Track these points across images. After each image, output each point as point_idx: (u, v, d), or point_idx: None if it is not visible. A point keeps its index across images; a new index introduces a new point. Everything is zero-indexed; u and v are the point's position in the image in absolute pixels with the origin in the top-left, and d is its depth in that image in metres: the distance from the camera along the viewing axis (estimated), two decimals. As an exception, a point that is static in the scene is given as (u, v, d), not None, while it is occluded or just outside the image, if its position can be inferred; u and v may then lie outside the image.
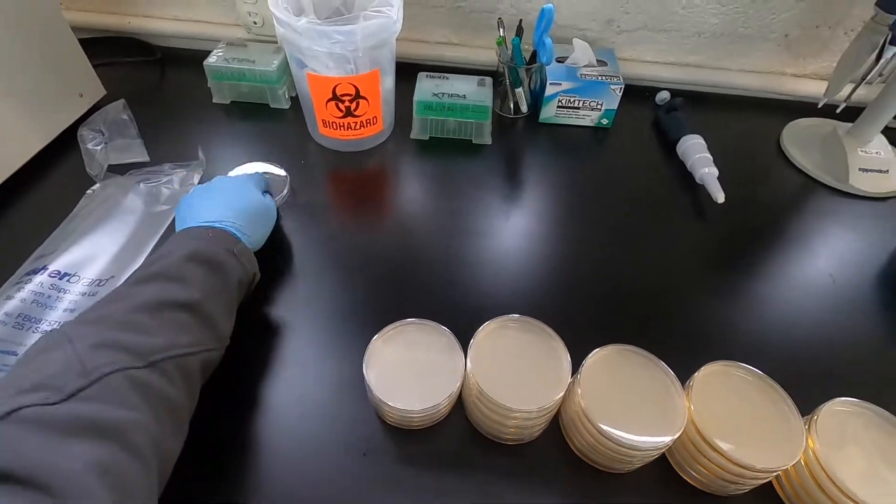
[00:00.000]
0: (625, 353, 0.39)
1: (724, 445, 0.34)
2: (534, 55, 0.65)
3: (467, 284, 0.50)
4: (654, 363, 0.38)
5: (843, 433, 0.36)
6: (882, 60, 0.55)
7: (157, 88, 0.73)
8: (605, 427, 0.34)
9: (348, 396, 0.41)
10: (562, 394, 0.36)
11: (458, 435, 0.40)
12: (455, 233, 0.55)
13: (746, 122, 0.73)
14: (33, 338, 0.40)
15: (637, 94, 0.74)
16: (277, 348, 0.44)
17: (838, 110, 0.62)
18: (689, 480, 0.38)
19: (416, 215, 0.58)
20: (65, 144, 0.61)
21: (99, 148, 0.59)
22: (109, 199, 0.52)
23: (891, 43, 0.54)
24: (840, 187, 0.62)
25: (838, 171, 0.62)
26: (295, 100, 0.69)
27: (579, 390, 0.36)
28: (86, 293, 0.44)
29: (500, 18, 0.65)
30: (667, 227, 0.58)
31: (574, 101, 0.66)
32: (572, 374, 0.37)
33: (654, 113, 0.72)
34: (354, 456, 0.38)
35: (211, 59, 0.66)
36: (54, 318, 0.42)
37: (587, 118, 0.68)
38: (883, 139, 0.64)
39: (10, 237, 0.51)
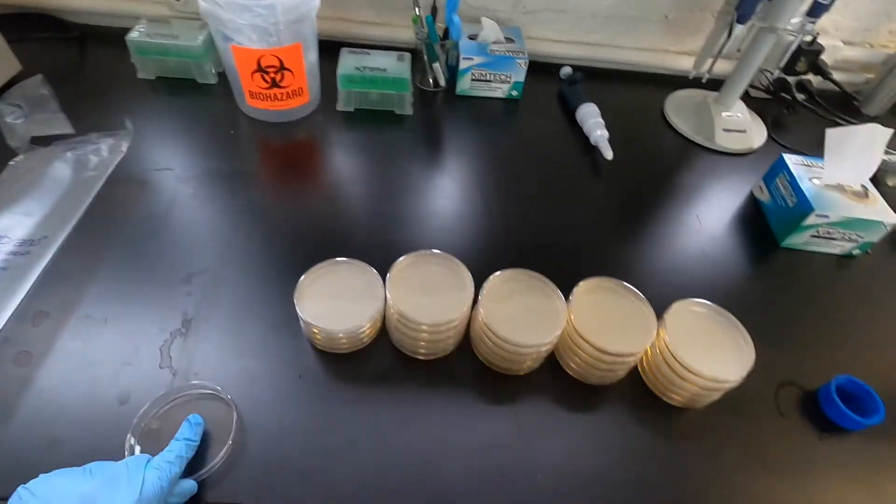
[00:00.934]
0: (519, 275, 0.46)
1: (593, 338, 0.42)
2: (447, 32, 0.71)
3: (390, 237, 0.56)
4: (544, 283, 0.46)
5: (686, 325, 0.45)
6: (731, 37, 0.66)
7: (77, 65, 0.73)
8: (502, 333, 0.41)
9: (283, 335, 0.46)
10: (466, 309, 0.43)
11: (381, 356, 0.46)
12: (381, 195, 0.61)
13: (637, 93, 0.83)
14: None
15: (544, 69, 0.83)
16: (214, 298, 0.48)
17: (703, 80, 0.73)
18: (570, 373, 0.46)
19: (343, 180, 0.63)
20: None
21: (20, 122, 0.59)
22: (35, 169, 0.53)
23: (737, 21, 0.65)
24: (709, 145, 0.73)
25: (707, 132, 0.74)
26: (222, 75, 0.72)
27: (482, 309, 0.43)
28: (17, 252, 0.46)
29: (415, -2, 0.71)
30: (570, 183, 0.66)
31: (486, 74, 0.74)
32: (476, 294, 0.44)
33: (558, 86, 0.81)
34: (291, 378, 0.44)
35: (133, 34, 0.67)
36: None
37: (499, 90, 0.76)
38: (742, 104, 0.76)
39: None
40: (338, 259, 0.46)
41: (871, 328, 0.55)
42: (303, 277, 0.44)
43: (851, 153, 0.57)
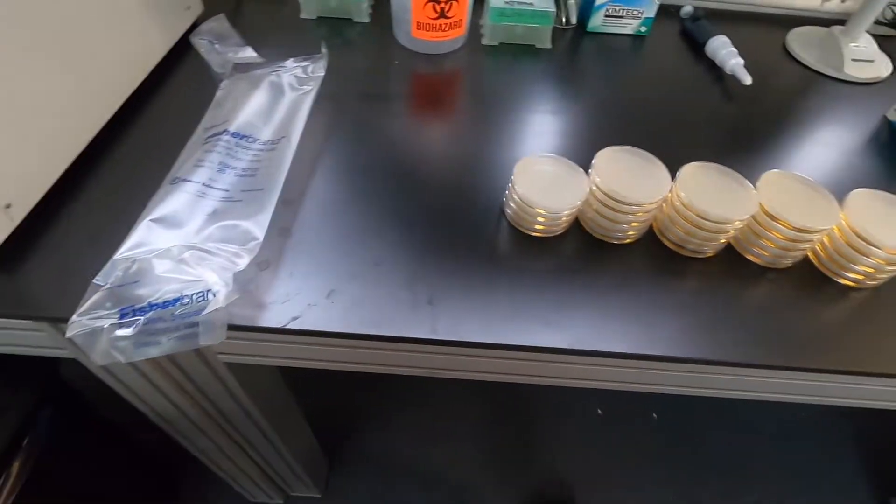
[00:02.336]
0: (708, 167, 0.51)
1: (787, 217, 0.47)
2: (586, -31, 0.76)
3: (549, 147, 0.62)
4: (734, 176, 0.51)
5: (867, 209, 0.49)
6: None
7: (237, 9, 0.80)
8: (695, 204, 0.47)
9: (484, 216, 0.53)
10: (661, 197, 0.48)
11: (571, 241, 0.52)
12: (533, 111, 0.67)
13: (756, 31, 0.86)
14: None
15: (663, 12, 0.86)
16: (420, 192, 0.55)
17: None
18: (754, 259, 0.51)
19: (495, 104, 0.69)
20: (179, 53, 0.68)
21: (218, 52, 0.67)
22: (252, 87, 0.61)
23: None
24: (837, 76, 0.76)
25: (836, 63, 0.77)
26: (375, 14, 0.78)
27: (681, 192, 0.48)
28: (264, 150, 0.53)
29: (556, -63, 0.75)
30: (704, 110, 0.71)
31: (619, 10, 0.78)
32: (672, 181, 0.50)
33: (679, 25, 0.85)
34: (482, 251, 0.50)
35: (301, -25, 0.74)
36: (241, 166, 0.51)
37: (628, 26, 0.80)
38: (868, 36, 0.78)
39: (153, 129, 0.59)
40: (545, 154, 0.52)
41: None
42: (519, 162, 0.51)
43: None
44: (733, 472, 1.20)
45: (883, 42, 0.83)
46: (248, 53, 0.68)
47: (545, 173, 0.51)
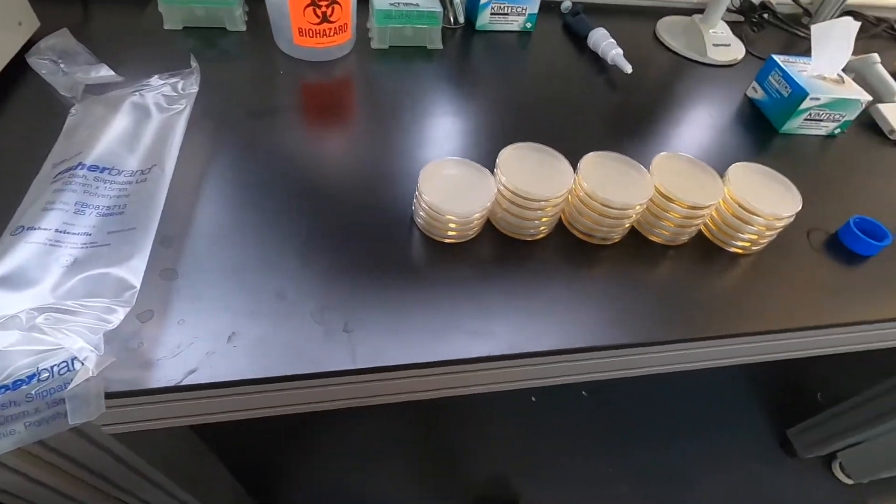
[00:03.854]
0: (605, 156, 0.53)
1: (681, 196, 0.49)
2: (466, -32, 0.76)
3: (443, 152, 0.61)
4: (627, 162, 0.53)
5: (746, 182, 0.53)
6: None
7: (84, 23, 0.69)
8: (598, 193, 0.48)
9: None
10: (566, 190, 0.49)
11: (485, 244, 0.51)
12: (424, 122, 0.65)
13: (628, 23, 0.92)
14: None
15: (544, 8, 0.89)
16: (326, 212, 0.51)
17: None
18: (657, 240, 0.54)
19: (389, 111, 0.66)
20: (13, 77, 0.58)
21: (63, 73, 0.58)
22: (110, 110, 0.53)
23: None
24: (702, 60, 0.83)
25: (699, 48, 0.83)
26: (251, 21, 0.72)
27: (584, 183, 0.49)
28: (132, 182, 0.46)
29: (433, -64, 0.74)
30: (589, 98, 0.74)
31: (504, 7, 0.79)
32: (574, 173, 0.50)
33: (561, 19, 0.88)
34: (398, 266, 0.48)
35: (159, -18, 0.66)
36: (103, 204, 0.44)
37: (515, 23, 0.81)
38: (723, 23, 0.86)
39: None
40: (449, 157, 0.51)
41: (861, 188, 0.67)
42: (425, 167, 0.49)
43: (831, 45, 0.68)
44: (660, 433, 1.29)
45: (735, 27, 0.92)
46: (103, 72, 0.60)
47: (451, 178, 0.50)
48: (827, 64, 0.70)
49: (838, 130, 0.73)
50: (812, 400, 1.38)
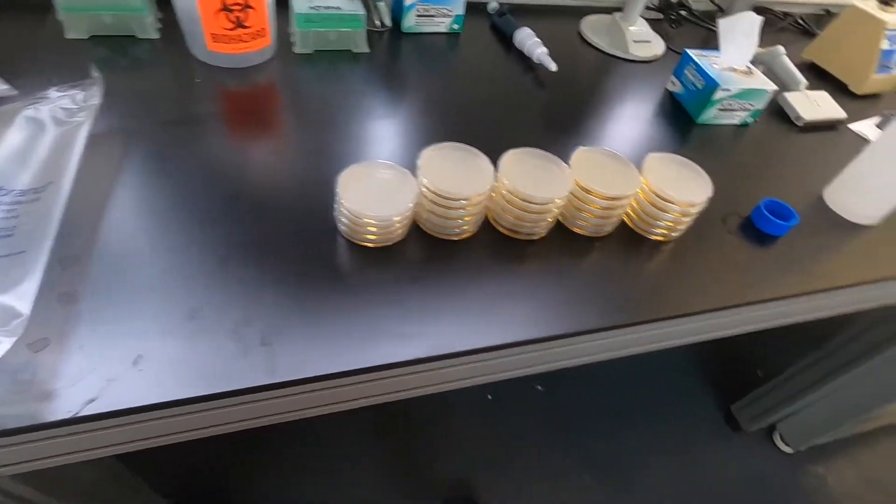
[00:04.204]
0: (526, 153, 0.53)
1: (598, 188, 0.51)
2: (388, -30, 0.75)
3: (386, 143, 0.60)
4: (549, 158, 0.54)
5: (662, 172, 0.55)
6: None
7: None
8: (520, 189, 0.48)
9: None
10: (487, 188, 0.49)
11: (412, 246, 0.51)
12: (357, 118, 0.64)
13: (553, 22, 0.94)
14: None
15: (472, 9, 0.90)
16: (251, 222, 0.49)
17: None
18: (580, 231, 0.55)
19: (316, 118, 0.65)
20: None
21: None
22: (0, 126, 0.49)
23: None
24: (624, 56, 0.86)
25: (621, 46, 0.86)
26: (164, 29, 0.69)
27: (505, 180, 0.50)
28: (22, 201, 0.43)
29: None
30: (518, 97, 0.75)
31: (429, 9, 0.79)
32: (495, 171, 0.51)
33: (489, 20, 0.89)
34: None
35: (58, -12, 0.62)
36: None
37: (441, 24, 0.82)
38: (643, 20, 0.89)
39: None
40: (371, 160, 0.50)
41: (772, 172, 0.71)
42: (342, 173, 0.48)
43: (738, 38, 0.72)
44: (614, 421, 1.32)
45: (655, 24, 0.96)
46: (-7, 85, 0.56)
47: (372, 181, 0.49)
48: (735, 56, 0.74)
49: (750, 119, 0.77)
50: (753, 376, 1.45)
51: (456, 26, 0.83)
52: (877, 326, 0.99)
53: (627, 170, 0.55)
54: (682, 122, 0.77)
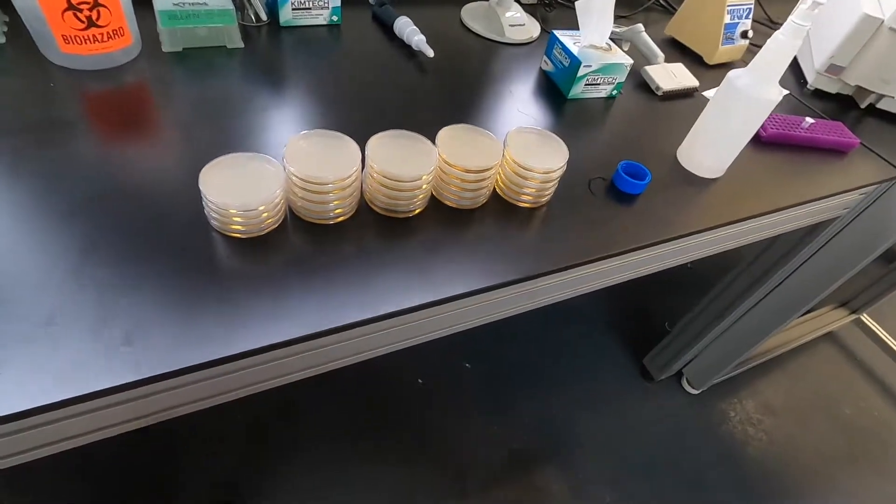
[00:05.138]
0: (398, 135, 0.56)
1: (462, 163, 0.54)
2: (256, -36, 0.75)
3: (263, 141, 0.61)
4: (417, 139, 0.56)
5: (523, 145, 0.60)
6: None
7: None
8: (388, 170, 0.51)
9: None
10: (355, 169, 0.51)
11: (290, 233, 0.52)
12: (232, 113, 0.64)
13: (433, 11, 0.97)
14: None
15: (353, 1, 0.91)
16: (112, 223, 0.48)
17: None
18: (451, 204, 0.58)
19: (189, 118, 0.64)
20: None
21: None
22: None
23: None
24: (502, 40, 0.91)
25: (498, 30, 0.91)
26: (12, 32, 0.65)
27: (373, 164, 0.52)
28: None
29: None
30: (401, 83, 0.77)
31: (306, 2, 0.79)
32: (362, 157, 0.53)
33: (369, 10, 0.90)
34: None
35: None
36: None
37: (320, 17, 0.82)
38: (517, 5, 0.94)
39: None
40: (234, 153, 0.50)
41: (635, 138, 0.79)
42: (205, 168, 0.48)
43: (594, 17, 0.78)
44: (540, 387, 1.40)
45: (531, 9, 1.02)
46: None
47: (237, 172, 0.49)
48: (594, 35, 0.80)
49: (615, 92, 0.84)
50: (662, 329, 1.58)
51: (335, 18, 0.83)
52: (751, 267, 1.11)
53: (492, 143, 0.59)
54: (555, 98, 0.82)
